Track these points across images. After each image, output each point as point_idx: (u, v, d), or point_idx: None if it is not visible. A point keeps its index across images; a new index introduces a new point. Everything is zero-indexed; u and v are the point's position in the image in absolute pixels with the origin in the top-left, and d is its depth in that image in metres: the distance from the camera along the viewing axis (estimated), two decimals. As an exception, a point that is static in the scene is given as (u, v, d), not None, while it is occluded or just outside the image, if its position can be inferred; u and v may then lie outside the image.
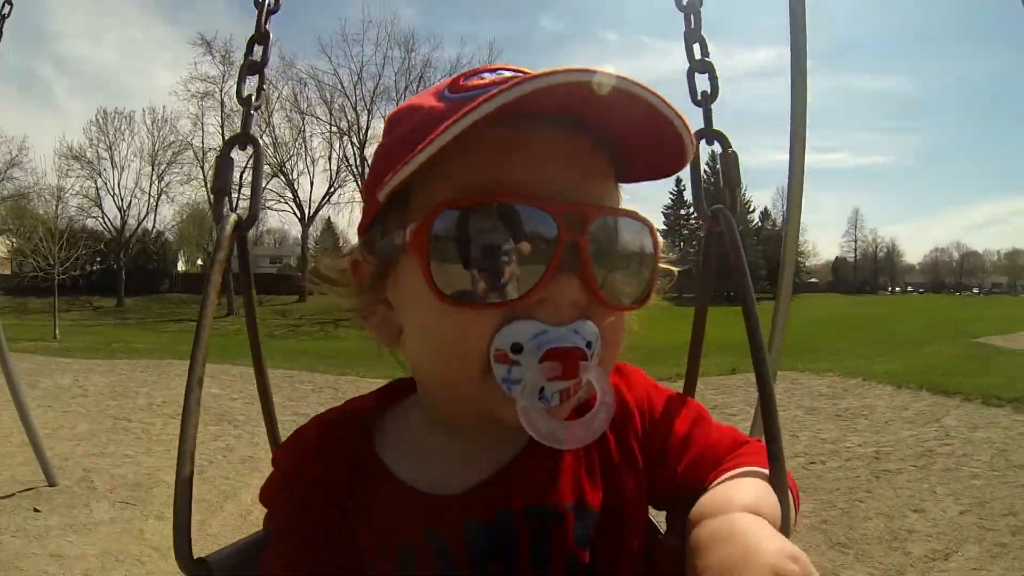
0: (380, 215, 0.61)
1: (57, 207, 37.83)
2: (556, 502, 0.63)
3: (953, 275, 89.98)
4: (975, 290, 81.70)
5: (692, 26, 1.11)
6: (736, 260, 0.86)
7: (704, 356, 1.14)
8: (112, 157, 42.23)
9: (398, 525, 0.64)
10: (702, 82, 1.07)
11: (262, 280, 49.93)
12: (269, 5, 1.11)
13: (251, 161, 0.99)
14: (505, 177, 0.53)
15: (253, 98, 1.01)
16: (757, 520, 0.54)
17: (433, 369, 0.62)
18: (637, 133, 0.55)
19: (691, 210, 68.59)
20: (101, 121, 42.53)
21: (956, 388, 8.38)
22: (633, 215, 0.60)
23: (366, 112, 40.07)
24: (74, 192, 41.14)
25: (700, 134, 1.01)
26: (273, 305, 40.96)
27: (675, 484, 0.68)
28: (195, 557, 0.72)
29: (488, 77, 0.59)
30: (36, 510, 4.24)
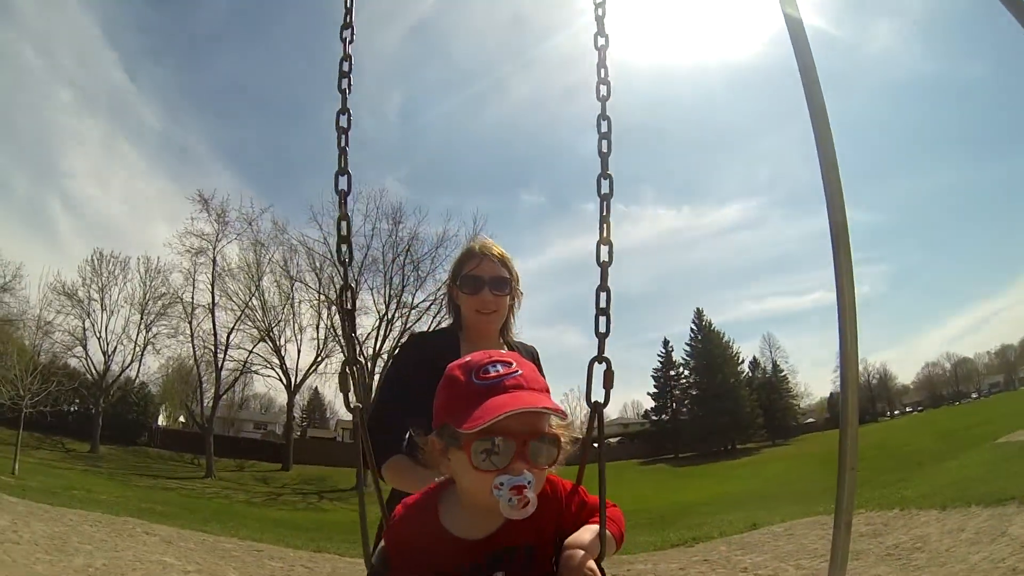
0: (443, 427, 1.27)
1: (37, 338, 37.19)
2: (521, 543, 1.27)
3: (949, 386, 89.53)
4: (974, 395, 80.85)
5: (602, 281, 1.54)
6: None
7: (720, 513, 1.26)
8: (103, 300, 41.70)
9: (445, 557, 1.25)
10: (602, 323, 1.52)
11: (245, 445, 48.51)
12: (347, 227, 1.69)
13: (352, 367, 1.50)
14: (497, 429, 1.16)
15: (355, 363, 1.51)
16: (590, 541, 1.30)
17: (468, 489, 1.25)
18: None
19: (680, 370, 68.76)
20: (96, 262, 42.39)
21: (1007, 494, 7.51)
22: (554, 435, 1.24)
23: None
24: (61, 329, 40.08)
25: (593, 359, 1.50)
26: (255, 472, 39.44)
27: (568, 531, 1.33)
28: None
29: (492, 372, 1.25)
30: None
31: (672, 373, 68.77)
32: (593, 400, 1.45)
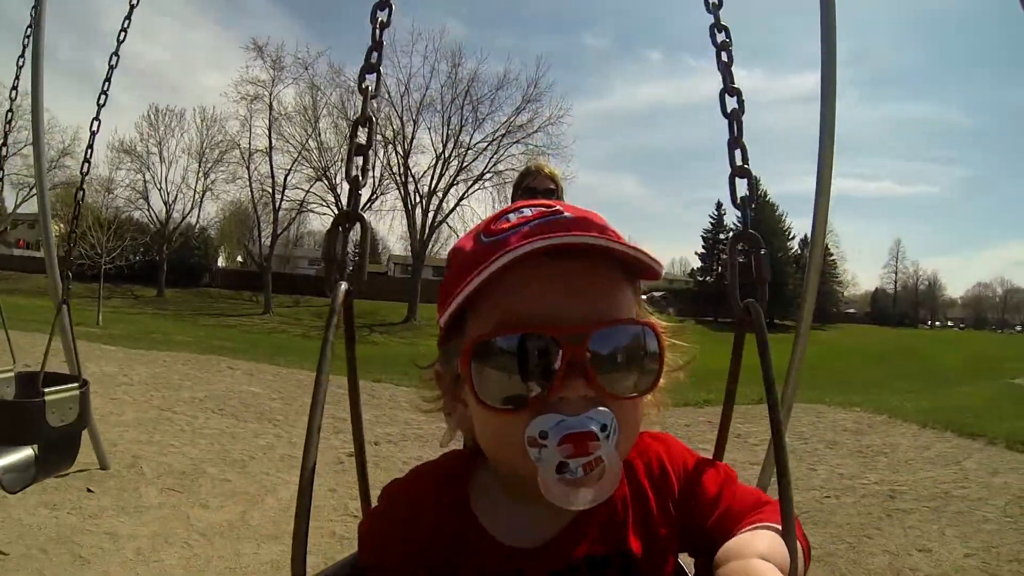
0: (447, 336, 0.79)
1: (103, 197, 38.92)
2: (607, 551, 0.79)
3: (996, 311, 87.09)
4: (1018, 327, 79.02)
5: (735, 134, 1.20)
6: (763, 355, 0.92)
7: (743, 383, 1.20)
8: (161, 152, 43.52)
9: (487, 570, 0.78)
10: (742, 187, 1.18)
11: (300, 282, 50.95)
12: (371, 89, 1.15)
13: (358, 236, 1.10)
14: (520, 310, 0.68)
15: (359, 179, 1.08)
16: (769, 566, 0.64)
17: (492, 454, 0.77)
18: (624, 259, 0.72)
19: (729, 234, 66.96)
20: (152, 117, 43.87)
21: (981, 431, 8.33)
22: (632, 322, 0.73)
23: (411, 123, 40.49)
24: (123, 184, 42.24)
25: (737, 237, 1.14)
26: (310, 307, 41.78)
27: (704, 535, 0.81)
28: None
29: (513, 219, 0.77)
30: (90, 490, 4.60)
31: (721, 236, 68.34)
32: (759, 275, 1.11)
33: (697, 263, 70.94)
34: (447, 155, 40.67)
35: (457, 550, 0.79)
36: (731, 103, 1.19)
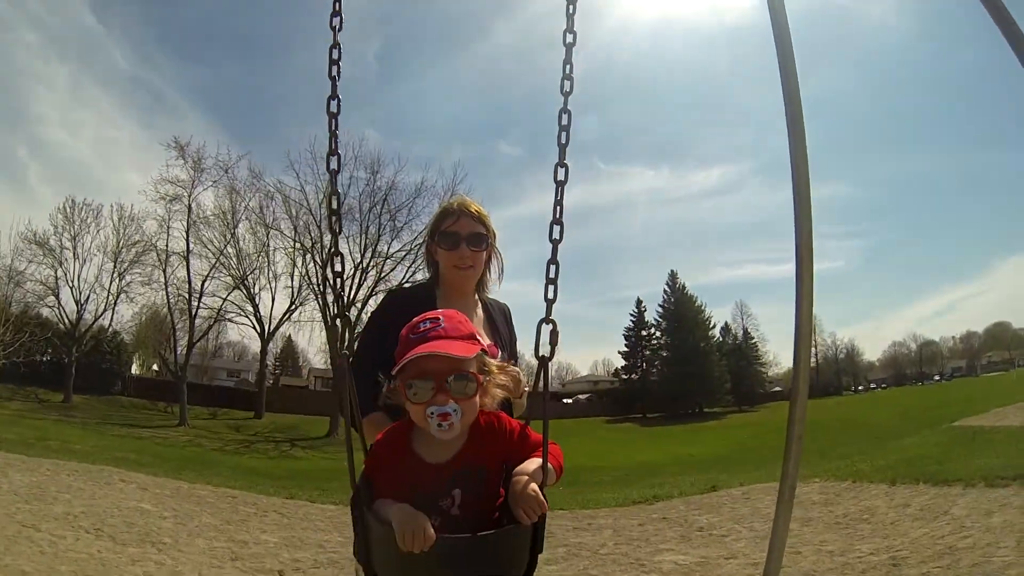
0: (397, 372, 1.55)
1: (9, 289, 36.54)
2: (474, 466, 1.57)
3: (913, 366, 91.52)
4: (936, 377, 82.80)
5: (552, 255, 1.75)
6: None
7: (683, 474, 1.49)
8: (75, 248, 40.89)
9: (415, 476, 1.56)
10: (550, 291, 1.74)
11: (218, 393, 49.10)
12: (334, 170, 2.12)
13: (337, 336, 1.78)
14: (418, 369, 1.51)
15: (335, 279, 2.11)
16: (534, 470, 1.56)
17: (415, 420, 1.57)
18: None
19: (652, 330, 69.20)
20: (68, 210, 41.58)
21: (954, 476, 7.86)
22: (467, 371, 1.55)
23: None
24: (33, 279, 39.58)
25: (541, 320, 1.73)
26: (228, 420, 39.56)
27: (515, 461, 1.62)
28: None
29: (422, 328, 1.58)
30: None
31: (644, 333, 69.43)
32: (540, 355, 1.69)
33: (621, 361, 70.86)
34: (365, 265, 39.78)
35: (403, 466, 1.59)
36: (555, 232, 1.79)
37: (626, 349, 70.11)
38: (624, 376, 69.60)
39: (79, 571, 5.02)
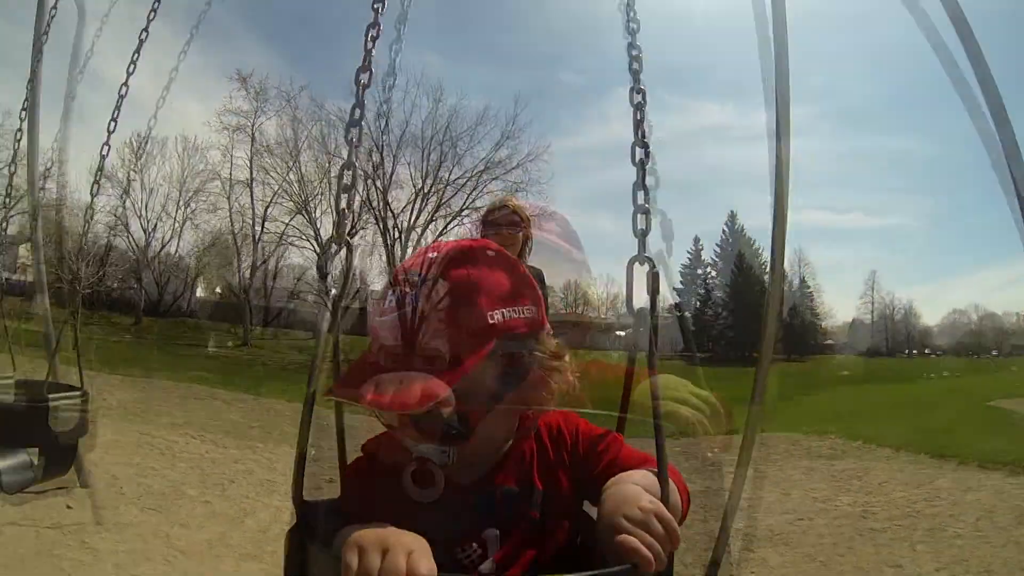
0: None
1: (83, 222, 38.48)
2: (518, 485, 1.04)
3: (972, 336, 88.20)
4: (994, 352, 79.77)
5: (639, 179, 1.31)
6: (651, 355, 1.07)
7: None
8: (142, 179, 43.11)
9: (417, 511, 0.98)
10: (641, 220, 1.26)
11: (280, 315, 49.79)
12: (354, 139, 1.31)
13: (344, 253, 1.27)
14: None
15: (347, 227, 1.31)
16: (637, 488, 0.92)
17: None
18: None
19: (707, 269, 68.52)
20: (134, 144, 43.51)
21: (954, 452, 8.50)
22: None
23: (391, 158, 40.55)
24: (104, 210, 41.89)
25: (634, 259, 1.21)
26: (290, 340, 41.43)
27: (596, 482, 1.04)
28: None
29: (385, 304, 1.18)
30: (69, 507, 4.55)
31: (699, 272, 68.68)
32: (638, 308, 1.17)
33: (675, 299, 70.52)
34: (426, 191, 40.67)
35: (404, 488, 1.03)
36: (639, 153, 1.36)
37: (680, 286, 69.64)
38: (677, 313, 69.07)
39: (195, 467, 6.32)
